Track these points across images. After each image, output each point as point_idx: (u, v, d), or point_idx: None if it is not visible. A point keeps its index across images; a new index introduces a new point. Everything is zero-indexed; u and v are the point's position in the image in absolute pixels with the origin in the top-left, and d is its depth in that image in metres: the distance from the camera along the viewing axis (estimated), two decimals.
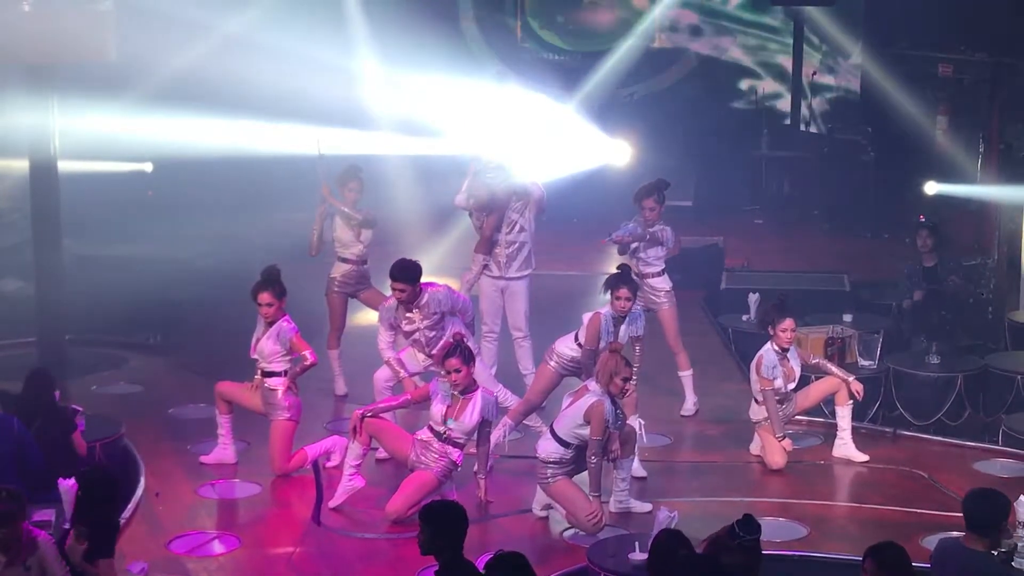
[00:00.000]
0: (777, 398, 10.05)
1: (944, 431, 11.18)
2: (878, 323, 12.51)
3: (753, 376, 10.15)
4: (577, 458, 8.91)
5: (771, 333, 10.10)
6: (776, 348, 10.07)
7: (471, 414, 9.05)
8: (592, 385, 8.89)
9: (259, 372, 9.82)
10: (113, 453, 9.62)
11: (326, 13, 17.94)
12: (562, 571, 8.32)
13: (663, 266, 11.09)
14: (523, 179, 11.20)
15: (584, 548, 8.48)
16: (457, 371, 9.00)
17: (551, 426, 9.06)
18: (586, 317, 9.96)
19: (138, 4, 12.61)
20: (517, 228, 11.19)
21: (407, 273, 9.91)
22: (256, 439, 10.13)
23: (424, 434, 9.19)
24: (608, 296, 9.95)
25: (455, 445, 9.11)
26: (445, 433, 9.08)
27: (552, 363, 10.08)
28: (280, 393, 9.71)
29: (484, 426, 9.17)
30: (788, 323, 10.04)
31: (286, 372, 9.76)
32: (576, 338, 9.98)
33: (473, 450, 9.30)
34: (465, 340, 9.33)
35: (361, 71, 17.09)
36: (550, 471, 8.91)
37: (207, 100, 15.06)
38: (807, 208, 17.86)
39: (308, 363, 9.77)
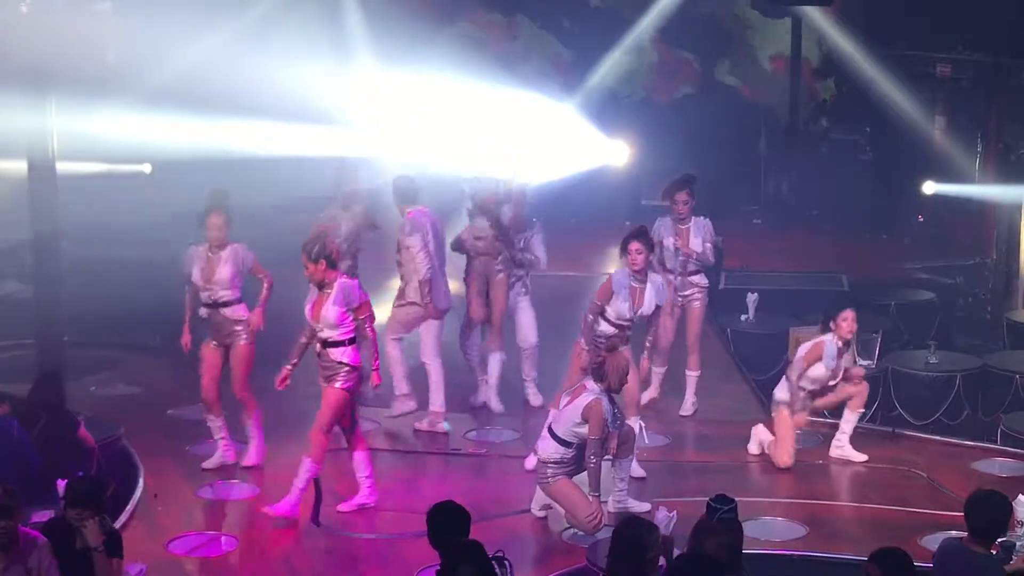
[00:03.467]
0: (815, 387, 10.04)
1: (943, 431, 11.19)
2: (877, 323, 12.51)
3: (799, 354, 10.11)
4: (578, 457, 8.91)
5: (831, 327, 10.07)
6: (839, 342, 10.06)
7: (329, 306, 8.94)
8: (590, 384, 8.88)
9: (210, 305, 9.75)
10: (111, 454, 9.61)
11: (324, 14, 17.98)
12: (561, 571, 8.32)
13: (700, 265, 11.09)
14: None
15: (583, 548, 8.48)
16: (304, 267, 8.95)
17: (549, 426, 9.05)
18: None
19: (136, 5, 12.61)
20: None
21: None
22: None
23: (316, 347, 9.10)
24: (624, 258, 9.85)
25: (337, 345, 8.99)
26: (320, 332, 8.97)
27: (582, 341, 9.98)
28: (237, 316, 9.67)
29: (360, 311, 9.02)
30: (849, 313, 10.05)
31: (240, 300, 9.71)
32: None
33: (477, 449, 9.27)
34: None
35: (358, 73, 17.10)
36: (550, 471, 8.90)
37: (205, 101, 15.05)
38: (806, 208, 17.87)
39: (268, 285, 9.74)
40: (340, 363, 8.95)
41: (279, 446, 10.00)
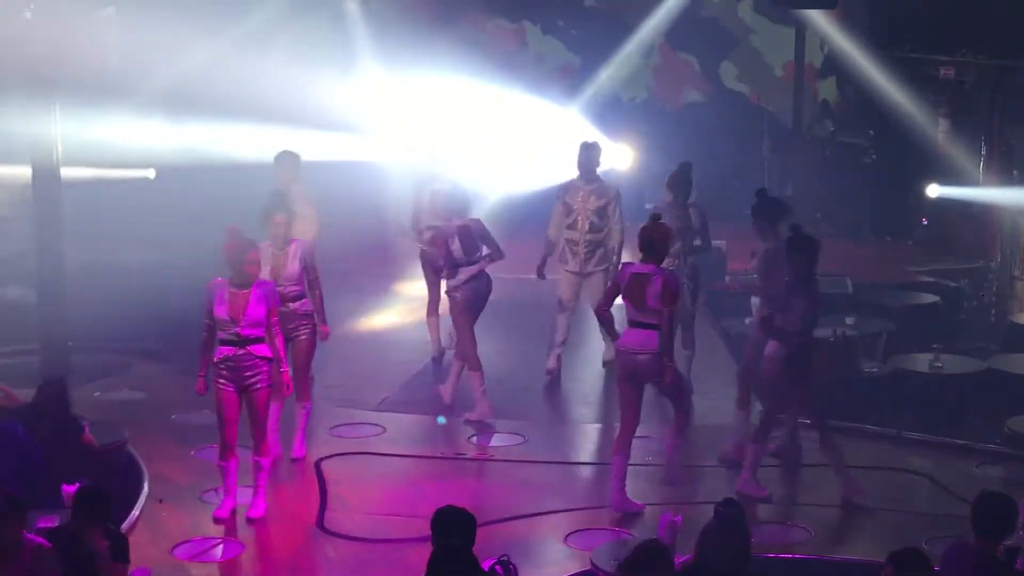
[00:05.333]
0: None
1: (947, 433, 11.16)
2: (881, 325, 12.50)
3: None
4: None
5: None
6: None
7: (256, 305, 8.88)
8: (647, 267, 9.11)
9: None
10: (116, 459, 9.62)
11: (328, 18, 17.99)
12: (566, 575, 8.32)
13: None
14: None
15: (587, 552, 8.48)
16: (258, 263, 8.97)
17: (630, 320, 9.21)
18: None
19: (140, 11, 12.63)
20: (590, 226, 11.68)
21: None
22: None
23: (223, 352, 8.94)
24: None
25: (259, 342, 8.94)
26: (239, 334, 8.88)
27: None
28: (304, 310, 9.98)
29: (271, 315, 9.00)
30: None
31: (304, 295, 9.97)
32: None
33: (481, 454, 9.27)
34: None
35: (362, 77, 17.13)
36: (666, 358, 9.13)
37: (209, 106, 15.07)
38: (809, 211, 17.84)
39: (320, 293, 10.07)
40: (264, 359, 8.95)
41: (285, 446, 10.02)
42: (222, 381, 8.95)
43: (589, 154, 11.92)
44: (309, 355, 10.08)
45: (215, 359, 8.97)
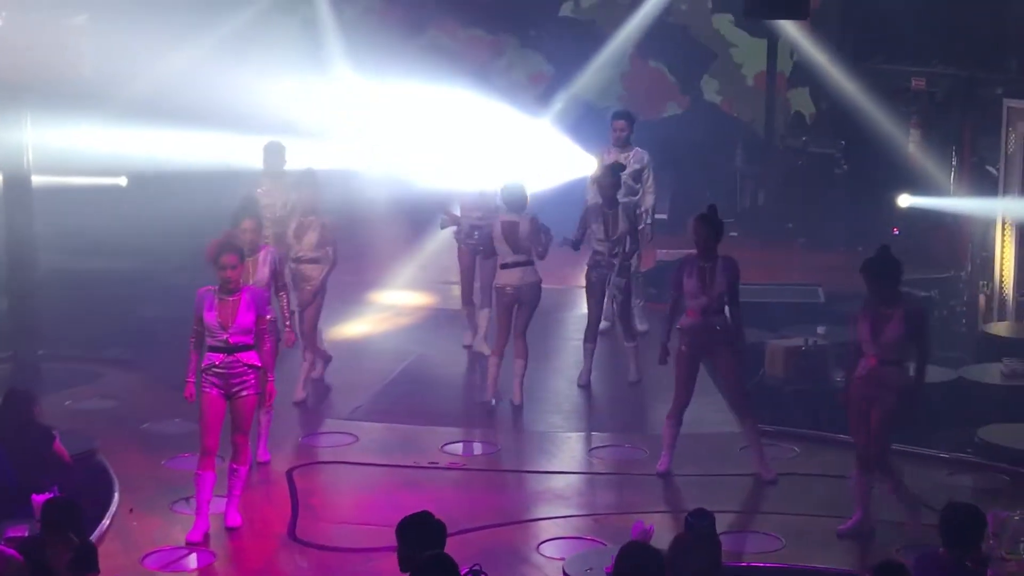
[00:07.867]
0: None
1: (918, 442, 11.19)
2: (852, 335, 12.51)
3: None
4: None
5: None
6: None
7: (245, 312, 8.87)
8: None
9: None
10: (87, 468, 9.58)
11: (300, 27, 17.98)
12: None
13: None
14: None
15: (561, 561, 8.48)
16: (233, 268, 8.89)
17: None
18: None
19: (112, 19, 12.60)
20: (627, 190, 12.55)
21: None
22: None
23: (211, 358, 8.92)
24: None
25: (248, 349, 8.95)
26: (227, 340, 8.88)
27: None
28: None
29: (260, 322, 9.00)
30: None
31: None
32: None
33: (453, 463, 9.26)
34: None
35: (335, 85, 17.11)
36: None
37: (181, 114, 15.03)
38: (782, 221, 17.92)
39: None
40: (252, 367, 8.93)
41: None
42: (208, 386, 8.93)
43: (624, 125, 13.02)
44: (270, 364, 9.96)
45: (203, 365, 8.95)
